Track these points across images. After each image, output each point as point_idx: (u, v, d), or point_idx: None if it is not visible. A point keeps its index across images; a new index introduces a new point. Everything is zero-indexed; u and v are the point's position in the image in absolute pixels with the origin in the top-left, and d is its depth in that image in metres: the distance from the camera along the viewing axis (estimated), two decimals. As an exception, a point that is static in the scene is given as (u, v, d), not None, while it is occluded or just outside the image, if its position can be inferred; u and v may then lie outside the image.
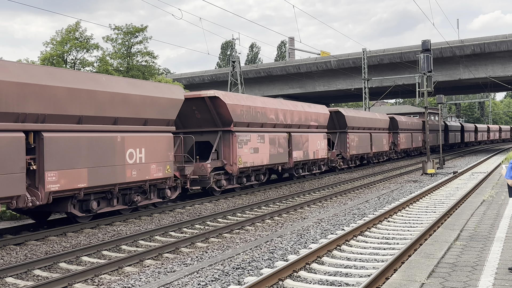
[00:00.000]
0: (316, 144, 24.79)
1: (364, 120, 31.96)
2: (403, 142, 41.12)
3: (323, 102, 59.65)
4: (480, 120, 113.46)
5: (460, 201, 14.49)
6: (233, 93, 19.65)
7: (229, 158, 18.25)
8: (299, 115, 23.39)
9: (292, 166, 22.53)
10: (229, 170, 18.16)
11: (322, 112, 26.05)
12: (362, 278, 7.58)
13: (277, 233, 11.38)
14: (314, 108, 25.52)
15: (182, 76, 57.84)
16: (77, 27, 28.96)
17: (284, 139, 21.75)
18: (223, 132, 18.40)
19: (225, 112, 17.95)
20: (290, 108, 22.84)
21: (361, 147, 31.03)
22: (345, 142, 28.76)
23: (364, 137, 31.47)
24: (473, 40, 43.71)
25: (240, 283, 7.53)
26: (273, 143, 20.78)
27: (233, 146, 18.21)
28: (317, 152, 24.93)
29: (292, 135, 22.55)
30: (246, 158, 18.81)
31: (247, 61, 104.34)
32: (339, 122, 29.03)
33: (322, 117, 25.91)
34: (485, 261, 6.63)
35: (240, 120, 18.59)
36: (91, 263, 9.26)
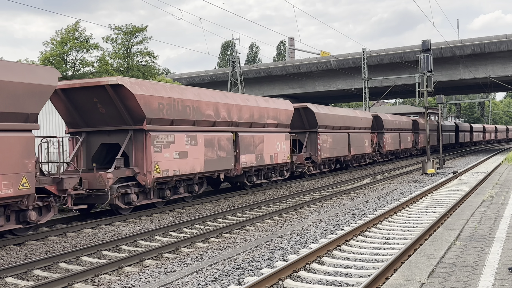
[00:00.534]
0: (274, 146, 21.17)
1: (340, 118, 28.46)
2: (389, 143, 37.70)
3: (323, 102, 59.68)
4: (480, 120, 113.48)
5: (460, 201, 14.49)
6: (149, 82, 15.55)
7: (142, 166, 14.29)
8: (250, 111, 19.52)
9: (240, 173, 18.66)
10: (142, 181, 14.21)
11: (283, 108, 22.32)
12: (362, 278, 7.58)
13: (277, 233, 11.38)
14: (274, 104, 21.82)
15: (182, 76, 57.85)
16: (77, 27, 28.98)
17: (227, 141, 17.87)
18: (135, 131, 14.47)
19: (134, 105, 14.01)
20: (238, 102, 18.87)
21: (336, 149, 27.40)
22: (315, 143, 25.32)
23: (340, 137, 27.90)
24: (473, 40, 43.73)
25: (240, 283, 7.53)
26: (210, 146, 16.87)
27: (147, 149, 14.27)
28: (276, 155, 21.22)
29: (240, 136, 18.73)
30: (167, 165, 14.84)
31: (247, 61, 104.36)
32: (308, 120, 25.41)
33: (283, 114, 22.22)
34: (485, 261, 6.63)
35: (158, 116, 14.67)
36: (91, 263, 9.26)
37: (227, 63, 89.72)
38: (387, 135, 37.02)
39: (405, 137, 42.16)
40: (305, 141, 25.31)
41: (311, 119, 25.25)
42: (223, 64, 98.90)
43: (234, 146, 18.52)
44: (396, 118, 40.04)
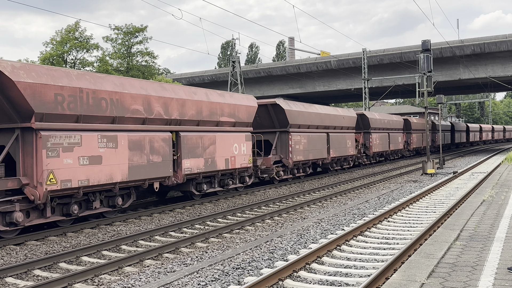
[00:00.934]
0: (231, 149, 18.02)
1: (317, 117, 25.43)
2: (377, 144, 34.56)
3: (323, 102, 59.72)
4: (480, 120, 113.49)
5: (460, 201, 14.49)
6: (46, 67, 12.16)
7: (32, 175, 11.15)
8: (197, 107, 16.32)
9: (183, 180, 15.59)
10: (30, 195, 11.08)
11: (243, 104, 18.99)
12: (362, 278, 7.58)
13: (277, 233, 11.38)
14: (231, 98, 18.60)
15: (182, 76, 57.87)
16: (77, 27, 28.99)
17: (164, 142, 14.79)
18: (22, 130, 11.37)
19: (17, 96, 10.93)
20: (180, 95, 15.72)
21: (312, 151, 24.42)
22: (286, 144, 22.42)
23: (316, 138, 25.05)
24: (473, 40, 43.74)
25: (240, 283, 7.53)
26: (138, 148, 13.76)
27: (38, 154, 11.19)
28: (233, 159, 18.14)
29: (183, 136, 15.69)
30: (68, 173, 11.73)
31: (247, 61, 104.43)
32: (278, 118, 22.38)
33: (243, 111, 18.95)
34: (485, 261, 6.63)
35: (54, 111, 11.53)
36: (91, 263, 9.26)
37: (227, 63, 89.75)
38: (375, 135, 34.03)
39: (396, 138, 39.19)
40: (274, 142, 22.29)
41: (281, 117, 22.24)
42: (223, 64, 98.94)
43: (175, 149, 15.50)
44: (385, 117, 37.18)
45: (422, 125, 45.81)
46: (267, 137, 22.55)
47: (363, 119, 33.04)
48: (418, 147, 46.35)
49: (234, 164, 18.29)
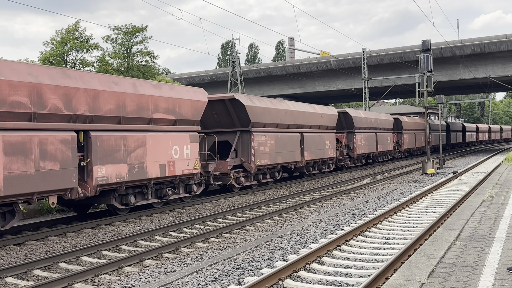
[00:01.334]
0: (169, 152, 14.98)
1: (288, 115, 22.35)
2: (363, 145, 31.56)
3: (323, 102, 59.73)
4: (480, 120, 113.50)
5: (460, 201, 14.49)
6: None
7: None
8: (117, 100, 13.21)
9: (96, 193, 12.60)
10: None
11: (187, 99, 15.87)
12: (362, 278, 7.58)
13: (277, 233, 11.38)
14: (170, 91, 15.32)
15: (182, 76, 57.89)
16: (77, 27, 28.99)
17: (64, 145, 11.72)
18: None
19: None
20: (91, 85, 12.53)
21: (281, 154, 21.40)
22: (248, 146, 19.47)
23: (287, 139, 22.03)
24: (473, 40, 43.75)
25: (240, 283, 7.54)
26: (20, 153, 10.73)
27: None
28: (172, 165, 15.01)
29: (94, 137, 12.55)
30: None
31: (246, 61, 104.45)
32: (239, 116, 19.34)
33: (187, 106, 15.81)
34: (485, 261, 6.63)
35: None
36: (91, 263, 9.26)
37: (227, 63, 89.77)
38: (359, 135, 30.94)
39: (384, 138, 36.07)
40: (234, 144, 19.32)
41: (242, 114, 19.21)
42: (223, 64, 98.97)
43: (85, 153, 12.46)
44: (372, 116, 34.07)
45: (415, 124, 43.96)
46: (226, 138, 19.61)
47: (346, 117, 30.14)
48: (411, 148, 43.49)
49: (174, 171, 15.08)
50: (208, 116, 19.34)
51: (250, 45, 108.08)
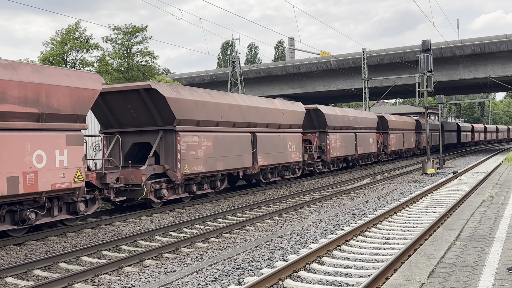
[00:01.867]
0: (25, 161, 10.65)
1: (234, 110, 18.08)
2: (338, 147, 27.40)
3: (323, 102, 59.75)
4: (480, 120, 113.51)
5: (460, 201, 14.49)
6: None
7: None
8: None
9: None
10: None
11: (62, 85, 11.53)
12: (362, 278, 7.58)
13: (277, 233, 11.38)
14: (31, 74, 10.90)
15: (182, 76, 57.91)
16: (77, 27, 29.01)
17: None
18: None
19: None
20: None
21: (222, 159, 17.24)
22: (173, 150, 15.43)
23: (232, 140, 17.87)
24: (473, 40, 43.76)
25: (240, 283, 7.54)
26: None
27: None
28: (32, 178, 10.74)
29: None
30: None
31: (246, 61, 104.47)
32: (160, 112, 15.24)
33: (61, 95, 11.49)
34: (485, 261, 6.63)
35: None
36: (91, 263, 9.26)
37: (227, 63, 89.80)
38: (334, 135, 27.04)
39: (366, 139, 32.08)
40: (154, 147, 15.30)
41: (165, 110, 15.10)
42: (223, 64, 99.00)
43: None
44: (351, 114, 30.25)
45: (403, 124, 40.47)
46: (147, 139, 15.83)
47: (318, 115, 26.05)
48: (398, 150, 39.53)
49: (35, 186, 10.87)
50: (123, 111, 15.72)
51: (249, 45, 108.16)
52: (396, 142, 38.58)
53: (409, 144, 42.57)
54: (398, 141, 39.05)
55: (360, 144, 30.98)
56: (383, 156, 36.44)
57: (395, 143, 38.12)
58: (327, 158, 26.38)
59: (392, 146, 37.49)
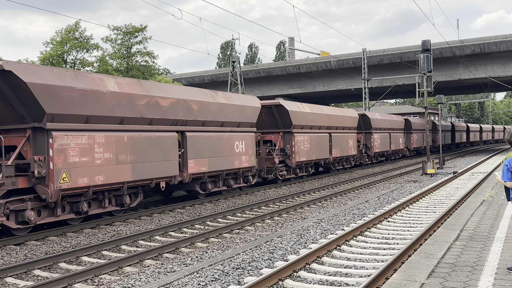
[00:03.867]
0: None
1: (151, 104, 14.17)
2: (307, 150, 23.78)
3: (323, 102, 59.76)
4: (480, 120, 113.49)
5: (460, 201, 14.49)
6: None
7: None
8: None
9: None
10: None
11: None
12: (362, 278, 7.58)
13: (277, 233, 11.38)
14: None
15: (182, 76, 57.93)
16: (77, 27, 29.00)
17: None
18: None
19: None
20: None
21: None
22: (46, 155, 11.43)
23: (146, 142, 14.04)
24: (473, 40, 43.76)
25: (240, 283, 7.54)
26: None
27: None
28: None
29: None
30: None
31: (246, 61, 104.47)
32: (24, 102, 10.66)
33: None
34: (485, 261, 6.63)
35: None
36: (91, 263, 9.26)
37: (227, 63, 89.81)
38: (301, 137, 23.36)
39: (344, 140, 28.49)
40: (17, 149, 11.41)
41: (28, 98, 11.20)
42: (223, 64, 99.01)
43: None
44: (324, 111, 26.73)
45: (390, 123, 37.34)
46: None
47: (281, 112, 22.43)
48: (384, 152, 36.01)
49: None
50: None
51: (250, 45, 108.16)
52: (381, 143, 34.91)
53: (397, 145, 38.97)
54: (383, 142, 35.37)
55: (336, 146, 27.31)
56: (366, 159, 33.07)
57: (379, 144, 34.47)
58: (291, 162, 22.55)
59: (376, 148, 33.87)
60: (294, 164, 22.63)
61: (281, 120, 22.57)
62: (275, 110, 22.38)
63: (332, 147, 26.75)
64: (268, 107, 22.25)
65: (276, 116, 22.56)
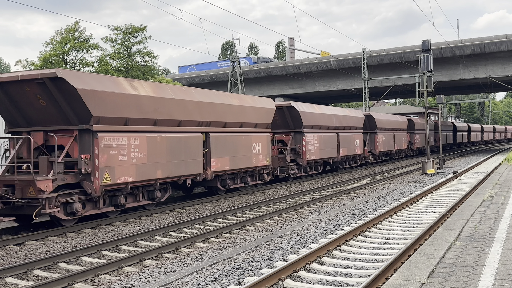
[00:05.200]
0: None
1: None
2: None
3: (323, 102, 59.73)
4: (480, 120, 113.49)
5: (460, 201, 14.49)
6: None
7: None
8: None
9: None
10: None
11: None
12: (362, 278, 7.58)
13: (277, 233, 11.38)
14: None
15: (182, 76, 57.94)
16: (76, 27, 28.98)
17: None
18: None
19: None
20: None
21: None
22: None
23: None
24: (473, 40, 43.76)
25: (240, 283, 7.54)
26: None
27: None
28: None
29: None
30: None
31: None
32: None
33: None
34: (485, 261, 6.63)
35: None
36: (91, 263, 9.26)
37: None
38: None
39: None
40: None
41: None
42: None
43: None
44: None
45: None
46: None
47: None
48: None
49: None
50: None
51: (250, 45, 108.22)
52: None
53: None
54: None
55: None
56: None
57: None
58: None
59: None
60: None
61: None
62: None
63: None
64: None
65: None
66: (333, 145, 26.68)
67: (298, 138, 23.39)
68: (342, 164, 28.81)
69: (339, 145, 27.45)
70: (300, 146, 23.31)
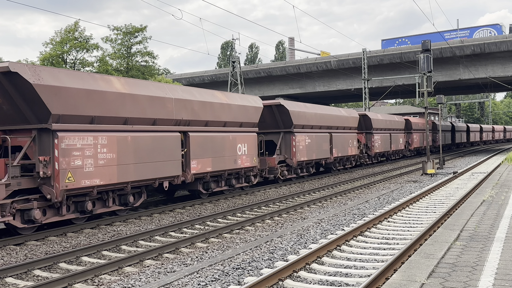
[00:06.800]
0: None
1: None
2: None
3: (323, 102, 59.73)
4: (480, 120, 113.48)
5: (460, 201, 14.49)
6: None
7: None
8: None
9: None
10: None
11: None
12: (362, 278, 7.58)
13: (277, 233, 11.38)
14: None
15: (182, 76, 57.92)
16: (76, 27, 28.99)
17: None
18: None
19: None
20: None
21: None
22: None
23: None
24: (473, 40, 43.80)
25: (240, 283, 7.53)
26: None
27: None
28: None
29: None
30: None
31: (247, 61, 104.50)
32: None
33: None
34: (485, 261, 6.63)
35: None
36: (91, 263, 9.26)
37: (227, 64, 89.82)
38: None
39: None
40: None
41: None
42: (223, 65, 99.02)
43: None
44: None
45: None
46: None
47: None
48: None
49: None
50: None
51: (250, 45, 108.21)
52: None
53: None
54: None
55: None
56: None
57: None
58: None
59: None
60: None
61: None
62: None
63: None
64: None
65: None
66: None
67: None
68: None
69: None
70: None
